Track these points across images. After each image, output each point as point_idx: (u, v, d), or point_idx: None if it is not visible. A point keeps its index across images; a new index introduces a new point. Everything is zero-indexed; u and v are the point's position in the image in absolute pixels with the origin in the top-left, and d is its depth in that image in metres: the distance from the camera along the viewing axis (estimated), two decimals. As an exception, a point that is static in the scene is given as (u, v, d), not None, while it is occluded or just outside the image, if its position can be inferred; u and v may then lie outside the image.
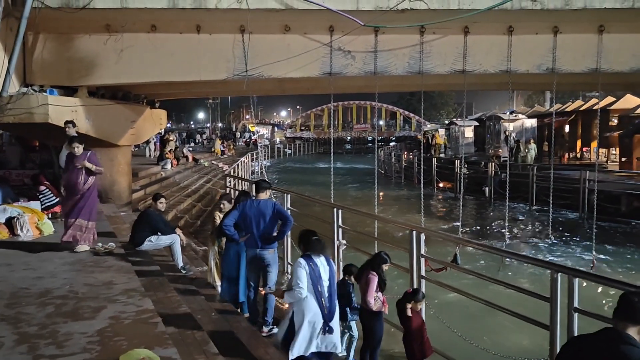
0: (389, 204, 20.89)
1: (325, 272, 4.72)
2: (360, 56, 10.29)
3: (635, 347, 2.43)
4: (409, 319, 5.17)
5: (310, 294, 4.62)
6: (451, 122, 38.37)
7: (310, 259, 4.71)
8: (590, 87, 18.04)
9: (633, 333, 2.51)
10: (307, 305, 4.63)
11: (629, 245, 13.29)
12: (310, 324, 4.64)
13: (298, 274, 4.62)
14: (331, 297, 4.71)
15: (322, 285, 4.64)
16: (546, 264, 4.71)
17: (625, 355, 2.41)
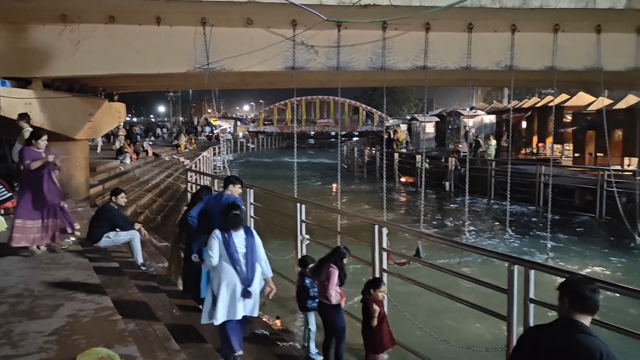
0: (352, 198, 21.04)
1: (243, 242, 4.99)
2: (323, 51, 10.29)
3: (590, 335, 2.53)
4: (371, 309, 5.22)
5: (226, 262, 4.92)
6: (413, 118, 38.87)
7: (227, 230, 4.98)
8: (546, 84, 18.56)
9: (585, 322, 2.61)
10: (222, 273, 4.92)
11: (582, 237, 13.81)
12: (227, 289, 4.91)
13: (210, 244, 4.96)
14: (248, 264, 4.97)
15: (237, 253, 4.92)
16: (503, 256, 4.85)
17: (582, 344, 2.51)
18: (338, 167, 11.06)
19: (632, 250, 11.52)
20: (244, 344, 5.37)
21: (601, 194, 15.35)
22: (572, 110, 25.87)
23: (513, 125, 29.44)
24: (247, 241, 5.03)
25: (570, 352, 2.53)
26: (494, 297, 4.78)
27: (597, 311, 2.65)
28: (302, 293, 5.82)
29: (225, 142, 44.17)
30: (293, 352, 5.68)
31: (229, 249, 4.90)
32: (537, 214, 16.52)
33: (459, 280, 5.86)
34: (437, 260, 10.45)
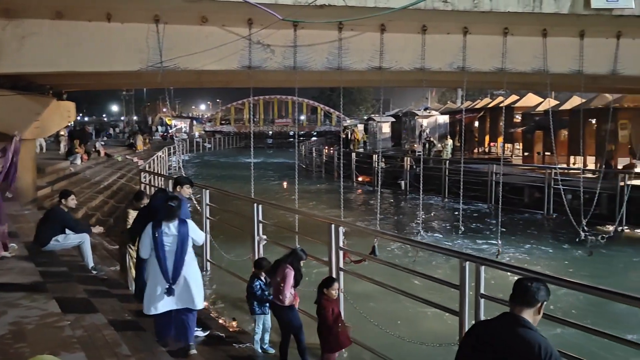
0: (311, 197, 21.07)
1: (172, 237, 4.99)
2: (279, 50, 10.24)
3: (531, 330, 2.62)
4: (325, 309, 5.22)
5: (154, 257, 4.98)
6: (370, 118, 39.30)
7: (159, 224, 5.00)
8: (497, 85, 19.11)
9: (528, 316, 2.69)
10: (150, 268, 5.07)
11: (531, 234, 14.29)
12: (152, 285, 5.02)
13: (142, 237, 5.08)
14: (176, 260, 4.96)
15: (164, 250, 4.94)
16: (455, 253, 4.96)
17: (522, 338, 2.59)
18: (295, 167, 11.05)
19: (577, 244, 11.99)
20: (199, 347, 5.30)
21: (549, 192, 15.93)
22: (521, 111, 26.78)
23: (466, 125, 30.20)
24: (178, 234, 5.01)
25: (512, 345, 2.61)
26: (447, 293, 4.88)
27: (537, 304, 2.72)
28: (249, 295, 5.77)
29: (181, 142, 43.40)
30: (249, 353, 5.63)
31: (157, 245, 4.93)
32: (489, 212, 16.99)
33: (414, 278, 5.96)
34: (393, 259, 10.60)
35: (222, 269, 8.71)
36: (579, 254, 11.86)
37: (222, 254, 8.99)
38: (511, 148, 28.66)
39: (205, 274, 8.99)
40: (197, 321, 5.91)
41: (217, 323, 6.47)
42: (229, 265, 8.63)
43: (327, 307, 5.17)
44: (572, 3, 9.45)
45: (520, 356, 2.57)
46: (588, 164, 20.72)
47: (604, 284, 8.83)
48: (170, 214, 5.06)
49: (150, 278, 5.09)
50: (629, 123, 19.50)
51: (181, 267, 5.01)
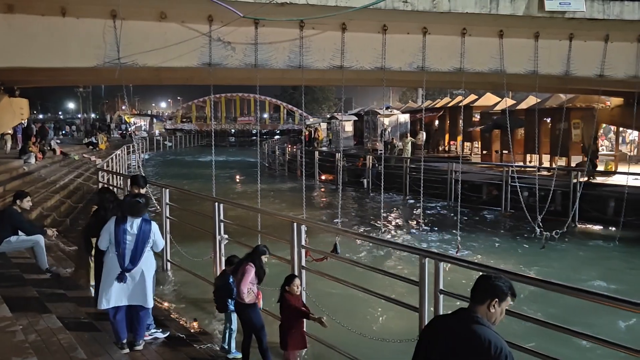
0: (273, 196, 21.00)
1: (132, 236, 5.08)
2: (240, 48, 10.16)
3: (484, 326, 2.69)
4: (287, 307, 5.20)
5: (112, 248, 5.07)
6: (332, 117, 39.44)
7: (123, 220, 5.10)
8: (456, 85, 19.48)
9: (482, 312, 2.76)
10: (107, 258, 5.12)
11: (489, 230, 14.65)
12: (106, 276, 5.08)
13: (103, 230, 5.15)
14: (132, 256, 5.07)
15: (124, 242, 5.05)
16: (415, 249, 5.04)
17: (475, 333, 2.66)
18: (258, 166, 11.01)
19: (533, 240, 12.37)
20: (159, 348, 5.21)
21: (506, 189, 16.36)
22: (480, 110, 27.40)
23: (427, 124, 30.78)
24: (140, 233, 5.11)
25: (464, 341, 2.67)
26: (408, 289, 4.95)
27: (491, 301, 2.76)
28: (224, 292, 5.72)
29: (141, 140, 42.50)
30: (210, 354, 5.57)
31: (118, 233, 5.03)
32: (449, 209, 17.32)
33: (376, 275, 6.01)
34: (355, 256, 10.69)
35: (182, 269, 8.58)
36: (535, 248, 12.23)
37: (183, 254, 8.86)
38: (470, 147, 29.29)
39: (165, 275, 8.86)
40: (157, 323, 5.83)
41: (178, 324, 6.37)
42: (189, 265, 8.51)
43: (290, 306, 5.16)
44: (527, 5, 9.74)
45: (471, 351, 2.63)
46: (543, 162, 21.39)
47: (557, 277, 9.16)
48: (137, 210, 5.14)
49: (104, 272, 5.12)
50: (581, 122, 20.22)
51: (138, 261, 5.09)
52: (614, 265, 11.68)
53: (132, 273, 5.09)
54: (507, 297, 2.80)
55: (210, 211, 7.57)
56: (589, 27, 10.75)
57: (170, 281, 8.79)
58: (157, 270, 7.24)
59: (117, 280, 5.00)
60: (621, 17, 10.27)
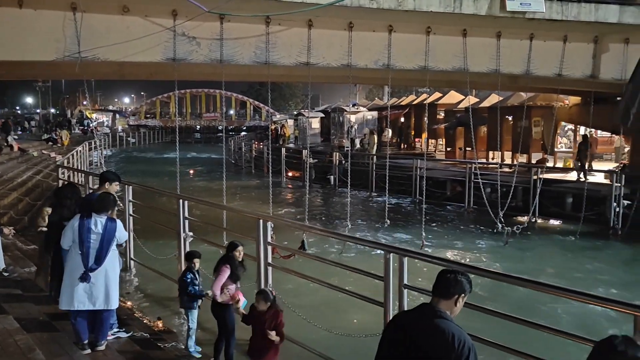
0: (240, 193, 20.85)
1: (98, 229, 4.98)
2: (205, 43, 10.05)
3: (446, 320, 2.74)
4: (250, 320, 5.07)
5: (75, 247, 4.94)
6: (299, 113, 39.39)
7: (88, 216, 4.98)
8: (421, 83, 19.78)
9: (445, 306, 2.81)
10: (70, 257, 4.98)
11: (453, 226, 14.92)
12: (70, 274, 4.93)
13: (66, 228, 5.04)
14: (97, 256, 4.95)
15: (89, 240, 4.92)
16: (380, 245, 5.10)
17: (438, 327, 2.71)
18: (223, 162, 10.91)
19: (495, 235, 12.66)
20: (122, 347, 5.12)
21: (469, 186, 16.68)
22: (444, 108, 27.84)
23: (392, 121, 31.09)
24: (105, 232, 4.99)
25: (428, 335, 2.72)
26: (374, 285, 5.00)
27: (454, 297, 2.82)
28: (180, 288, 5.67)
29: (103, 137, 41.51)
30: (175, 353, 5.50)
31: (82, 232, 4.91)
32: (414, 205, 17.55)
33: (342, 271, 6.05)
34: (323, 253, 10.72)
35: (146, 267, 8.44)
36: (497, 243, 12.52)
37: (147, 252, 8.71)
38: (435, 144, 29.73)
39: (129, 273, 8.70)
40: (120, 322, 5.72)
41: (142, 323, 6.27)
42: (153, 263, 8.38)
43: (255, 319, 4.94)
44: (489, 5, 9.95)
45: (435, 345, 2.68)
46: (505, 159, 21.91)
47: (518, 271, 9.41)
48: (105, 205, 5.06)
49: (67, 271, 4.98)
50: (541, 120, 20.79)
51: (103, 260, 4.95)
52: (573, 259, 12.07)
53: (96, 273, 4.91)
54: (469, 292, 2.87)
55: (174, 208, 7.47)
56: (548, 28, 11.05)
57: (133, 280, 8.63)
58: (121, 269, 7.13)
59: (80, 280, 4.84)
60: (578, 18, 10.60)
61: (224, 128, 25.40)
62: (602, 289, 9.38)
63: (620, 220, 13.60)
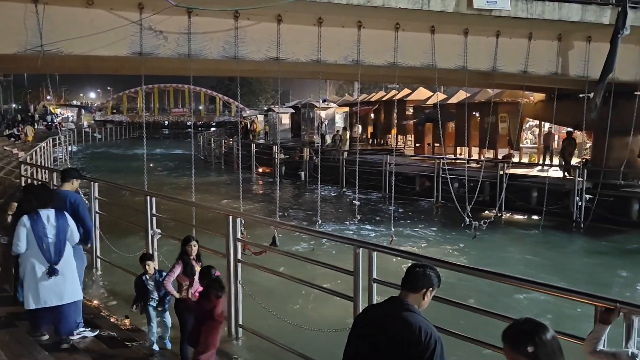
0: (210, 189, 20.64)
1: (52, 222, 5.00)
2: (173, 37, 9.89)
3: (414, 313, 2.78)
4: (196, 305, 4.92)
5: (33, 246, 4.89)
6: (269, 109, 39.22)
7: (36, 215, 4.94)
8: (390, 79, 19.91)
9: (413, 300, 2.85)
10: (28, 257, 4.91)
11: (422, 221, 15.11)
12: (31, 273, 4.89)
13: (17, 231, 4.93)
14: (59, 243, 4.99)
15: (46, 235, 4.93)
16: (349, 240, 5.12)
17: (405, 320, 2.74)
18: (192, 158, 10.81)
19: (463, 229, 12.87)
20: (88, 346, 5.02)
21: (437, 181, 16.91)
22: (413, 104, 28.11)
23: (362, 117, 31.27)
24: (58, 222, 5.02)
25: (395, 328, 2.75)
26: (344, 280, 5.03)
27: (422, 290, 2.86)
28: (141, 293, 5.54)
29: (68, 132, 40.51)
30: (144, 351, 5.43)
31: (36, 229, 4.88)
32: (384, 200, 17.70)
33: (313, 266, 6.07)
34: (293, 248, 10.73)
35: (113, 265, 8.29)
36: (465, 237, 12.74)
37: (114, 250, 8.56)
38: (404, 139, 30.02)
39: (95, 272, 8.53)
40: (86, 322, 5.61)
41: (109, 322, 6.16)
42: (120, 261, 8.24)
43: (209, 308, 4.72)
44: (456, 2, 10.07)
45: (402, 338, 2.71)
46: (473, 155, 22.28)
47: (485, 263, 9.58)
48: (46, 200, 5.04)
49: (27, 271, 4.90)
50: (507, 116, 21.21)
51: (63, 253, 4.98)
52: (538, 252, 12.38)
53: (60, 266, 4.92)
54: (437, 285, 2.92)
55: (142, 205, 7.35)
56: (514, 25, 11.27)
57: (100, 278, 8.47)
58: (87, 266, 6.98)
59: (47, 275, 4.85)
60: (543, 16, 10.83)
61: (192, 123, 25.06)
62: (565, 280, 9.65)
63: (583, 213, 14.01)
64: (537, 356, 2.06)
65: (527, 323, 2.18)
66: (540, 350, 2.07)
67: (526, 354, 2.06)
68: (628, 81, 12.90)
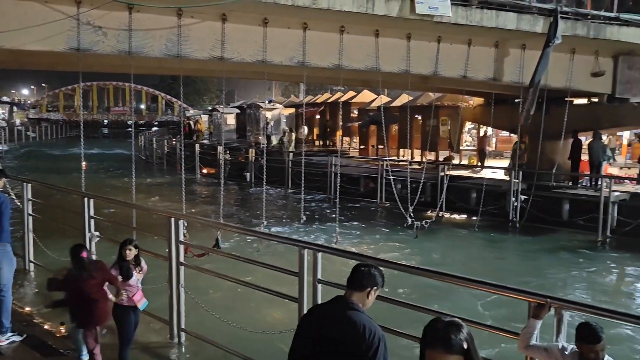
0: (152, 191, 20.12)
1: None
2: (112, 33, 9.58)
3: (358, 312, 2.82)
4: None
5: None
6: (214, 109, 38.68)
7: None
8: (336, 81, 20.09)
9: (357, 299, 2.89)
10: None
11: (366, 221, 15.32)
12: None
13: None
14: None
15: None
16: (294, 241, 5.13)
17: (350, 319, 2.78)
18: (132, 159, 10.48)
19: (406, 229, 13.16)
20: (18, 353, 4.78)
21: (381, 182, 17.21)
22: (358, 107, 28.51)
23: (308, 118, 31.37)
24: None
25: (340, 327, 2.79)
26: (289, 281, 5.02)
27: (366, 289, 2.90)
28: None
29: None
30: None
31: None
32: (329, 201, 17.84)
33: (258, 268, 6.02)
34: (238, 250, 10.61)
35: (48, 270, 7.91)
36: (407, 237, 13.02)
37: (48, 254, 8.18)
38: (349, 141, 30.37)
39: (28, 276, 8.13)
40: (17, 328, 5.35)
41: (42, 329, 5.89)
42: (56, 266, 7.87)
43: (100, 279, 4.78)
44: (400, 7, 10.29)
45: (346, 336, 2.74)
46: (415, 156, 22.83)
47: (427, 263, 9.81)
48: None
49: None
50: (448, 120, 21.89)
51: None
52: (476, 250, 12.84)
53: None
54: (381, 285, 2.98)
55: (80, 207, 7.06)
56: (454, 32, 11.64)
57: (33, 283, 8.06)
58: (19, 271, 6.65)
59: None
60: (481, 23, 11.25)
61: (133, 123, 24.36)
62: (501, 277, 10.04)
63: (518, 213, 14.63)
64: (471, 350, 2.13)
65: (452, 323, 2.20)
66: (471, 344, 2.14)
67: (462, 351, 2.11)
68: (559, 88, 13.59)
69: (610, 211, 13.23)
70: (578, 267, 11.51)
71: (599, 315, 3.41)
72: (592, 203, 13.54)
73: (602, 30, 12.60)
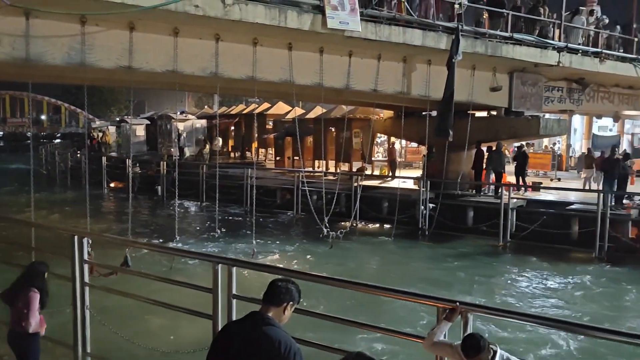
0: (54, 208, 18.85)
1: None
2: (8, 40, 8.93)
3: (274, 327, 2.81)
4: None
5: None
6: (122, 120, 37.06)
7: None
8: (250, 92, 20.00)
9: (274, 314, 2.88)
10: None
11: (283, 233, 15.32)
12: None
13: None
14: None
15: None
16: (207, 256, 5.00)
17: (266, 335, 2.76)
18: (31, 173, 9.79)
19: (322, 240, 13.29)
20: None
21: (297, 193, 17.29)
22: (273, 118, 28.52)
23: (223, 130, 30.93)
24: None
25: (256, 342, 2.77)
26: (205, 298, 4.88)
27: (282, 304, 2.90)
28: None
29: None
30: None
31: None
32: (245, 214, 17.64)
33: (170, 286, 5.80)
34: (149, 268, 10.18)
35: None
36: (323, 247, 13.16)
37: None
38: (265, 153, 30.29)
39: None
40: None
41: None
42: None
43: None
44: (312, 21, 10.46)
45: (262, 352, 2.73)
46: (330, 168, 23.18)
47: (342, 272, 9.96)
48: None
49: None
50: (360, 132, 22.47)
51: None
52: (389, 258, 13.21)
53: None
54: (298, 300, 2.98)
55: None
56: (365, 46, 12.01)
57: None
58: None
59: None
60: (390, 39, 11.70)
61: (32, 135, 22.77)
62: (412, 284, 10.41)
63: (427, 221, 15.26)
64: None
65: (361, 356, 2.31)
66: None
67: None
68: (462, 101, 14.40)
69: (510, 217, 14.16)
70: (482, 271, 12.18)
71: (502, 317, 3.62)
72: (494, 210, 14.41)
73: (499, 48, 13.55)
